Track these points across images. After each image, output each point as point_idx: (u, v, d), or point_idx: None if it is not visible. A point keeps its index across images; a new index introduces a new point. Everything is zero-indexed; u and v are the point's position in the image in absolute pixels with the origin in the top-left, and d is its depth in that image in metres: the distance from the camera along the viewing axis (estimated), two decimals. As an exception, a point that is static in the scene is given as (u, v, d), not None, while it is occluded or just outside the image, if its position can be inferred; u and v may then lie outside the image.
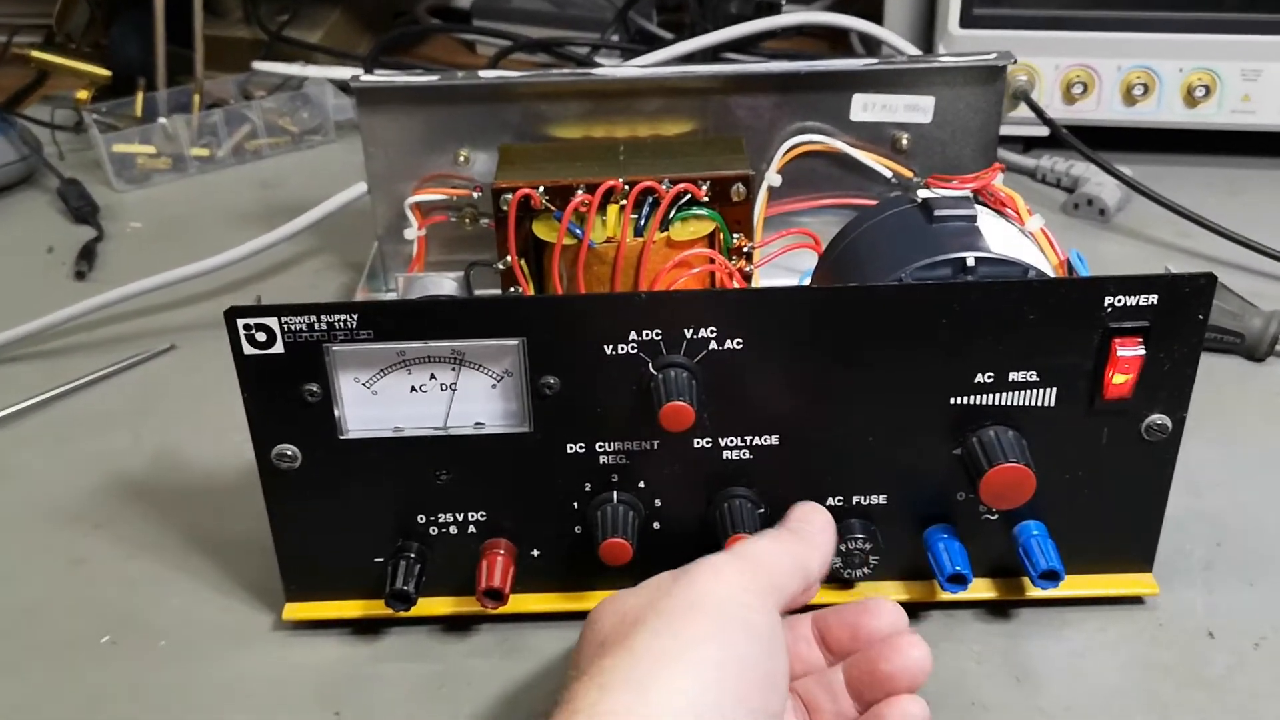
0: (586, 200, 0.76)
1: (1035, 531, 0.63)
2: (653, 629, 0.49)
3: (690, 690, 0.47)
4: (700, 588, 0.51)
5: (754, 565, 0.54)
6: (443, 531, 0.64)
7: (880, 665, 0.55)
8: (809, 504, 0.62)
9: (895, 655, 0.55)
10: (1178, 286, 0.58)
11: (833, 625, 0.58)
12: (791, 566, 0.55)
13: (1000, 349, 0.60)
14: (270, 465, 0.62)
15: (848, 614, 0.58)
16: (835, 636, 0.58)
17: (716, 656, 0.48)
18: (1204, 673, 0.62)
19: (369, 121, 0.88)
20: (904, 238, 0.69)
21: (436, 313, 0.60)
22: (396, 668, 0.65)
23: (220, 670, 0.65)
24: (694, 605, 0.50)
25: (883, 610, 0.58)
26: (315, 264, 1.04)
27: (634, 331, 0.59)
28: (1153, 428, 0.62)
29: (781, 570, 0.54)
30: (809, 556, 0.57)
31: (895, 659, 0.55)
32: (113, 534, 0.75)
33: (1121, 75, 1.11)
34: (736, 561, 0.53)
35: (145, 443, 0.83)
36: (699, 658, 0.48)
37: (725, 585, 0.52)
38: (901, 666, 0.55)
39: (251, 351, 0.59)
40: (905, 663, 0.55)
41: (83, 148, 1.27)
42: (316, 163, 1.25)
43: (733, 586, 0.52)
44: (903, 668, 0.55)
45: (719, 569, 0.53)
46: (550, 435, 0.62)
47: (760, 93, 0.89)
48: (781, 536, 0.58)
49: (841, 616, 0.58)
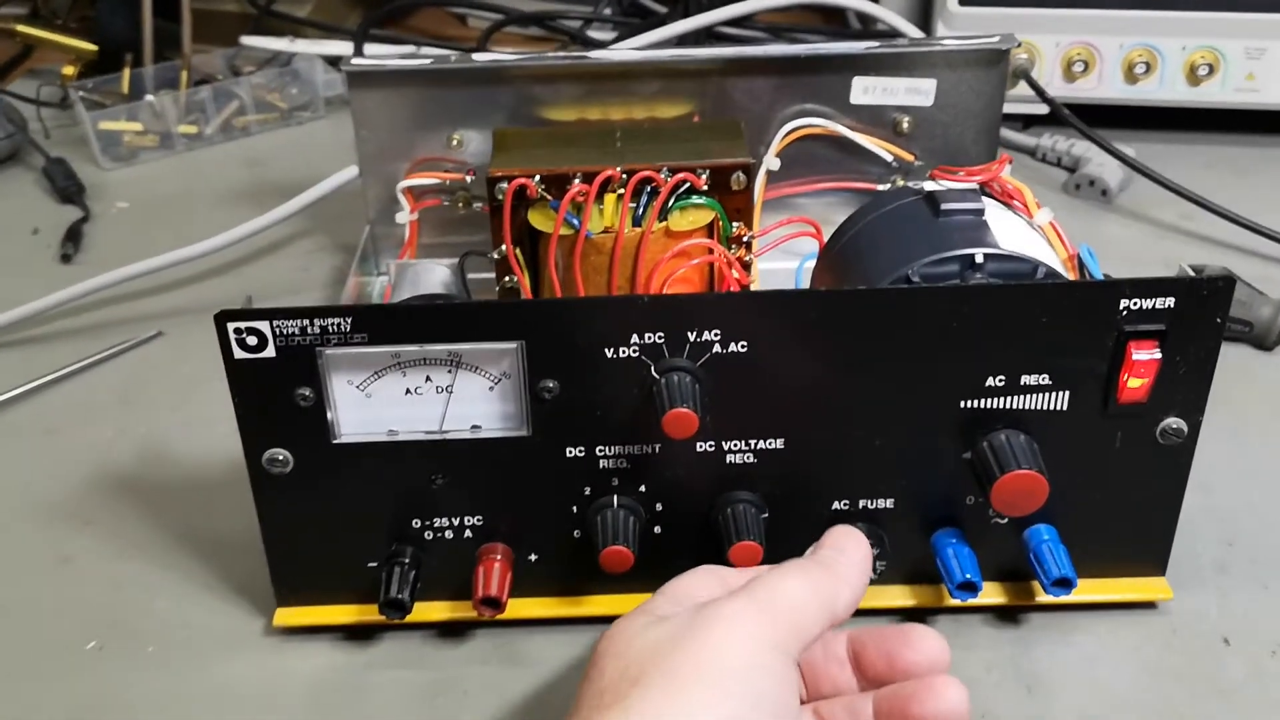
0: (584, 189, 0.74)
1: (1046, 536, 0.62)
2: (655, 688, 0.47)
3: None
4: (712, 648, 0.48)
5: (774, 613, 0.50)
6: (438, 536, 0.63)
7: (913, 707, 0.52)
8: (847, 530, 0.57)
9: (931, 698, 0.51)
10: (1195, 289, 0.57)
11: (870, 650, 0.55)
12: (817, 609, 0.51)
13: (1012, 352, 0.58)
14: (262, 470, 0.60)
15: (888, 641, 0.54)
16: (870, 662, 0.55)
17: (726, 712, 0.46)
18: (1220, 682, 0.61)
19: (360, 104, 0.86)
20: (910, 232, 0.67)
21: (433, 316, 0.58)
22: (390, 675, 0.63)
23: (209, 677, 0.63)
24: (701, 669, 0.47)
25: (925, 644, 0.54)
26: (306, 246, 1.03)
27: (636, 334, 0.57)
28: (1168, 431, 0.60)
29: (805, 614, 0.51)
30: (837, 594, 0.53)
31: (930, 702, 0.51)
32: (102, 531, 0.73)
33: (1123, 53, 1.09)
34: (755, 611, 0.50)
35: (133, 434, 0.81)
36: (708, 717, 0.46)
37: (739, 645, 0.48)
38: (935, 711, 0.51)
39: (242, 355, 0.57)
40: (941, 707, 0.51)
41: (68, 125, 1.24)
42: (306, 139, 1.23)
43: (747, 645, 0.48)
44: (936, 713, 0.51)
45: (734, 622, 0.49)
46: (549, 439, 0.60)
47: (759, 75, 0.87)
48: (810, 570, 0.53)
49: (881, 644, 0.55)
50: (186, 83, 1.23)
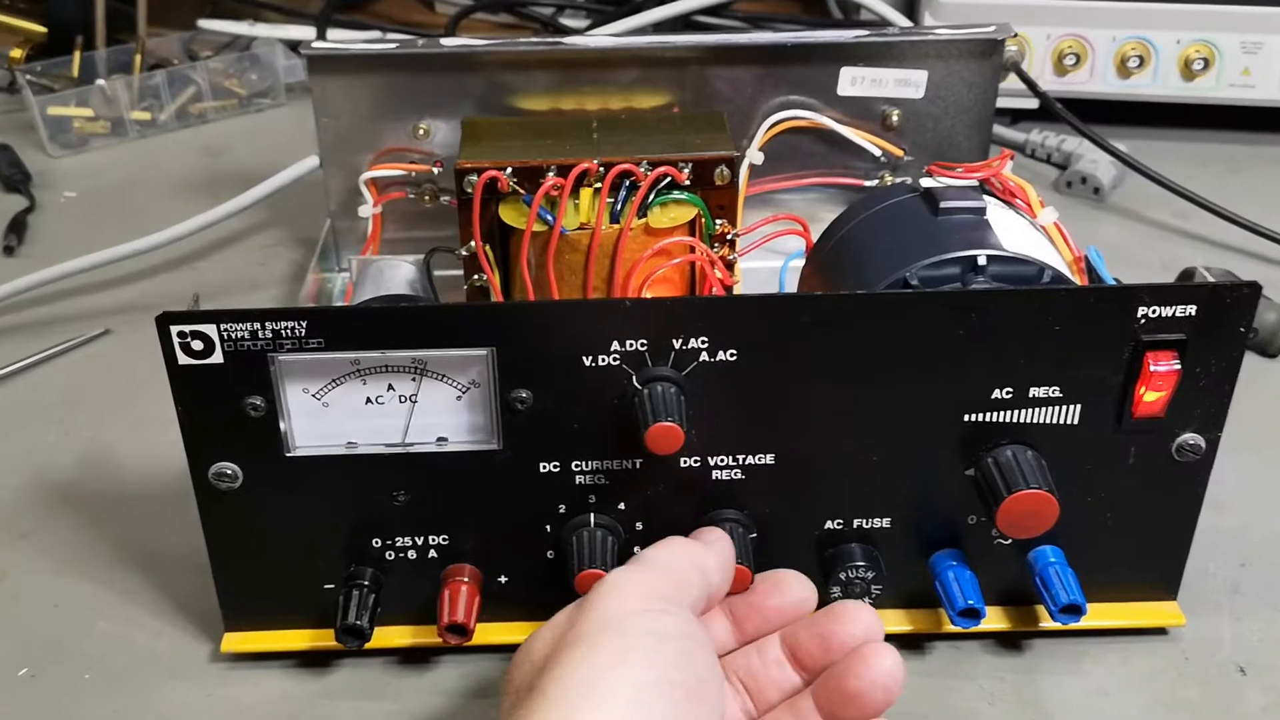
0: (558, 183, 0.70)
1: (1053, 559, 0.58)
2: (566, 662, 0.45)
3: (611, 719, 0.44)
4: (602, 609, 0.48)
5: (650, 572, 0.51)
6: (400, 556, 0.59)
7: (849, 682, 0.50)
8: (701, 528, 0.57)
9: (863, 669, 0.50)
10: (1219, 296, 0.53)
11: (803, 640, 0.53)
12: (688, 566, 0.52)
13: (1020, 362, 0.54)
14: (208, 485, 0.56)
15: (818, 624, 0.53)
16: (807, 651, 0.53)
17: (632, 678, 0.45)
18: (1236, 713, 0.58)
19: (322, 91, 0.82)
20: (907, 232, 0.63)
21: (396, 320, 0.54)
22: (348, 706, 0.59)
23: (150, 708, 0.59)
24: (600, 628, 0.47)
25: (852, 614, 0.53)
26: (263, 240, 0.98)
27: (616, 341, 0.53)
28: (1185, 448, 0.57)
29: (679, 570, 0.51)
30: (704, 556, 0.53)
31: (864, 673, 0.50)
32: (39, 545, 0.68)
33: (1116, 46, 1.06)
34: (632, 572, 0.51)
35: (76, 439, 0.77)
36: (615, 683, 0.45)
37: (627, 598, 0.49)
38: (871, 681, 0.50)
39: (187, 361, 0.53)
40: (875, 675, 0.50)
41: (15, 109, 1.21)
42: (265, 128, 1.19)
43: (635, 596, 0.49)
44: (872, 682, 0.50)
45: (616, 584, 0.50)
46: (521, 453, 0.56)
47: (742, 64, 0.83)
48: (674, 542, 0.54)
49: (812, 628, 0.53)
50: (140, 67, 1.19)
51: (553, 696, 0.44)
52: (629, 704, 0.44)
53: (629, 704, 0.44)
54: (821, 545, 0.59)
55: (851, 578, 0.59)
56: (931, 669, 0.60)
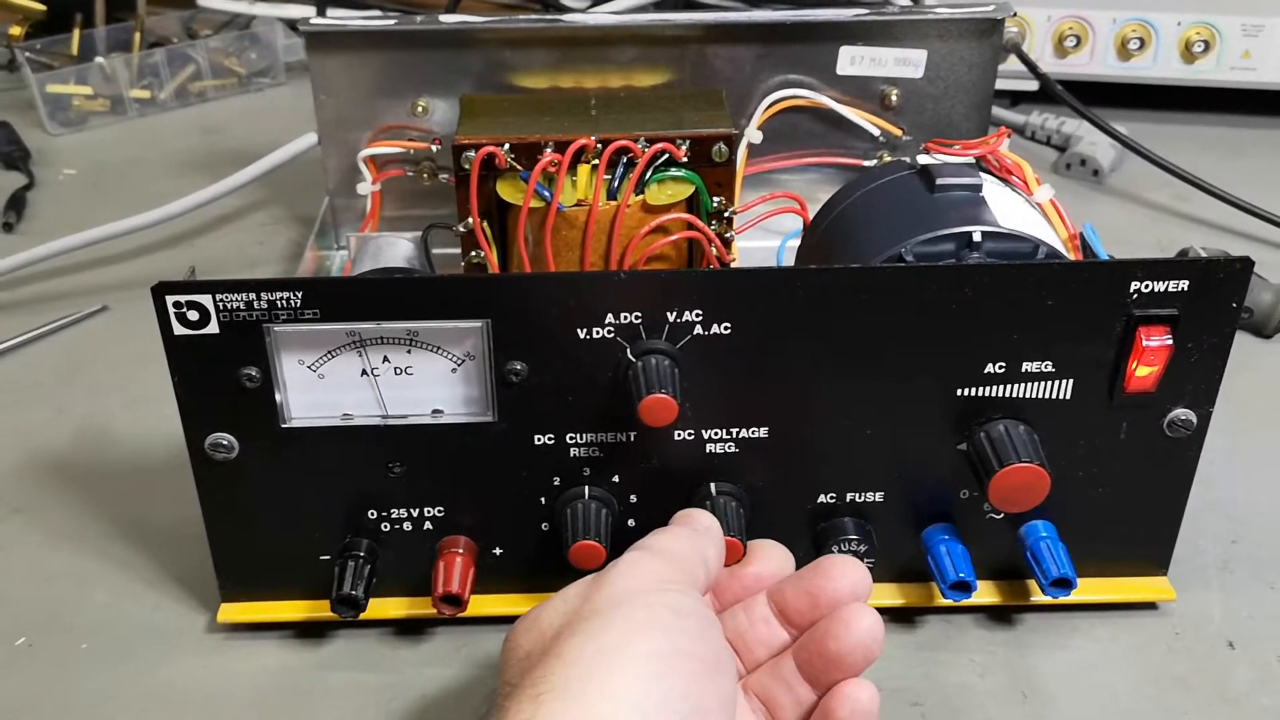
0: (556, 159, 0.70)
1: (1044, 534, 0.58)
2: (583, 632, 0.46)
3: (631, 689, 0.44)
4: (619, 586, 0.48)
5: (660, 557, 0.51)
6: (395, 528, 0.59)
7: (829, 645, 0.50)
8: (686, 509, 0.56)
9: (843, 631, 0.50)
10: (1211, 272, 0.53)
11: (789, 596, 0.53)
12: (692, 554, 0.52)
13: (1013, 337, 0.54)
14: (204, 456, 0.56)
15: (804, 580, 0.53)
16: (795, 608, 0.53)
17: (653, 648, 0.45)
18: (1225, 688, 0.58)
19: (320, 68, 0.82)
20: (903, 209, 0.63)
21: (391, 290, 0.54)
22: (342, 677, 0.59)
23: (148, 678, 0.59)
24: (619, 601, 0.47)
25: (840, 569, 0.52)
26: (261, 218, 0.98)
27: (611, 314, 0.53)
28: (1176, 423, 0.57)
29: (686, 558, 0.51)
30: (704, 545, 0.53)
31: (843, 635, 0.50)
32: (34, 519, 0.69)
33: (1116, 28, 1.06)
34: (647, 555, 0.51)
35: (72, 415, 0.77)
36: (635, 653, 0.45)
37: (645, 577, 0.49)
38: (851, 643, 0.50)
39: (183, 332, 0.53)
40: (855, 636, 0.50)
41: (14, 87, 1.21)
42: (265, 106, 1.20)
43: (652, 577, 0.49)
44: (853, 644, 0.50)
45: (634, 564, 0.50)
46: (516, 425, 0.56)
47: (741, 43, 0.83)
48: (675, 531, 0.54)
49: (799, 584, 0.53)
50: (139, 45, 1.19)
51: (572, 661, 0.44)
52: (650, 673, 0.44)
53: (650, 673, 0.44)
54: (814, 519, 0.59)
55: (845, 551, 0.59)
56: (923, 642, 0.60)
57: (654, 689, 0.44)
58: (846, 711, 0.50)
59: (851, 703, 0.50)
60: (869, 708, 0.50)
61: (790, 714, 0.51)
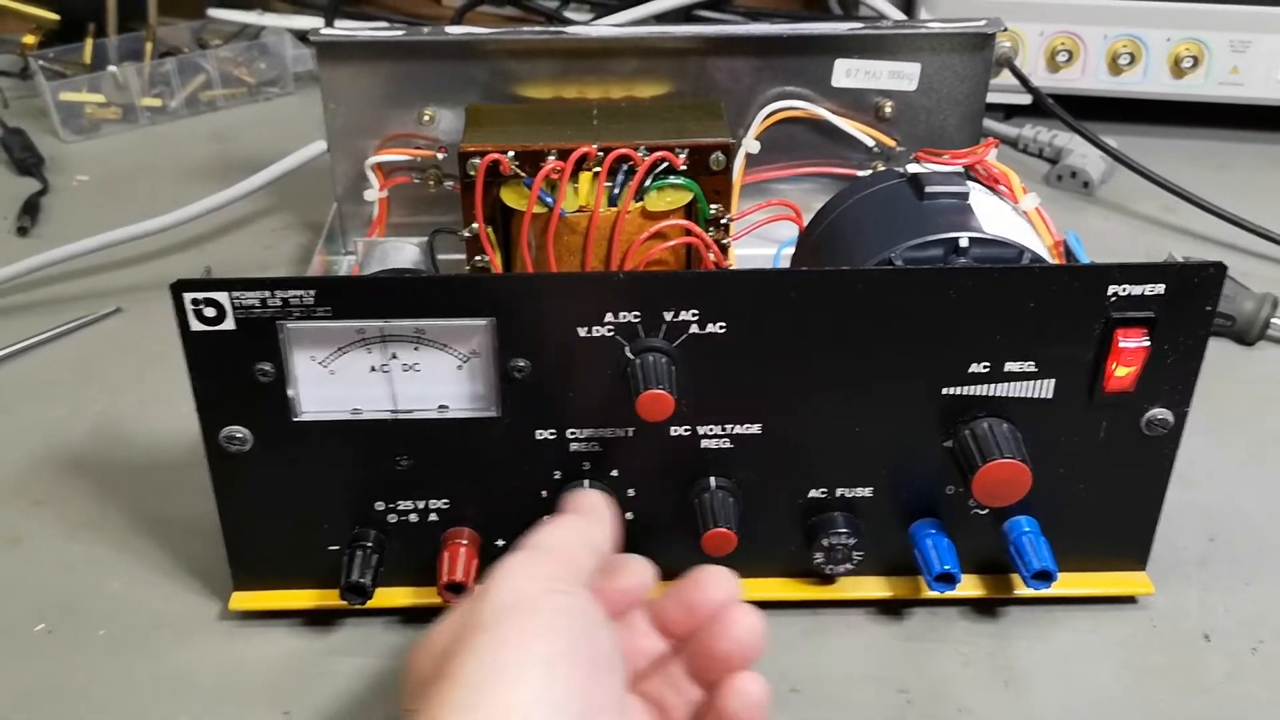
0: (558, 167, 0.72)
1: (1027, 529, 0.60)
2: (470, 648, 0.46)
3: (524, 698, 0.44)
4: (501, 592, 0.48)
5: (544, 553, 0.51)
6: (402, 520, 0.61)
7: (715, 645, 0.51)
8: (576, 490, 0.58)
9: (724, 632, 0.51)
10: (1186, 276, 0.55)
11: (668, 609, 0.54)
12: (581, 543, 0.52)
13: (997, 337, 0.57)
14: (219, 448, 0.58)
15: (681, 592, 0.54)
16: (672, 619, 0.54)
17: (541, 654, 0.45)
18: (1200, 678, 0.60)
19: (330, 77, 0.84)
20: (893, 215, 0.65)
21: (401, 290, 0.56)
22: (351, 663, 0.61)
23: (162, 663, 0.61)
24: (502, 610, 0.47)
25: (710, 580, 0.53)
26: (271, 224, 1.00)
27: (611, 313, 0.56)
28: (1153, 422, 0.59)
29: (572, 549, 0.52)
30: (593, 531, 0.54)
31: (725, 636, 0.51)
32: (53, 511, 0.71)
33: (1107, 43, 1.08)
34: (526, 555, 0.51)
35: (88, 412, 0.79)
36: (525, 663, 0.45)
37: (524, 580, 0.49)
38: (734, 640, 0.51)
39: (199, 328, 0.55)
40: (737, 634, 0.51)
41: (28, 95, 1.22)
42: (273, 116, 1.21)
43: (532, 578, 0.49)
44: (736, 641, 0.51)
45: (511, 568, 0.50)
46: (519, 420, 0.58)
47: (739, 55, 0.85)
48: (561, 521, 0.54)
49: (676, 597, 0.54)
50: (151, 54, 1.20)
51: (461, 681, 0.45)
52: (541, 680, 0.45)
53: (541, 680, 0.45)
54: (805, 513, 0.61)
55: (834, 545, 0.61)
56: (910, 633, 0.62)
57: (546, 695, 0.44)
58: (737, 704, 0.50)
59: (742, 696, 0.51)
60: (760, 699, 0.51)
61: (681, 714, 0.52)
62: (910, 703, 0.59)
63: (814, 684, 0.60)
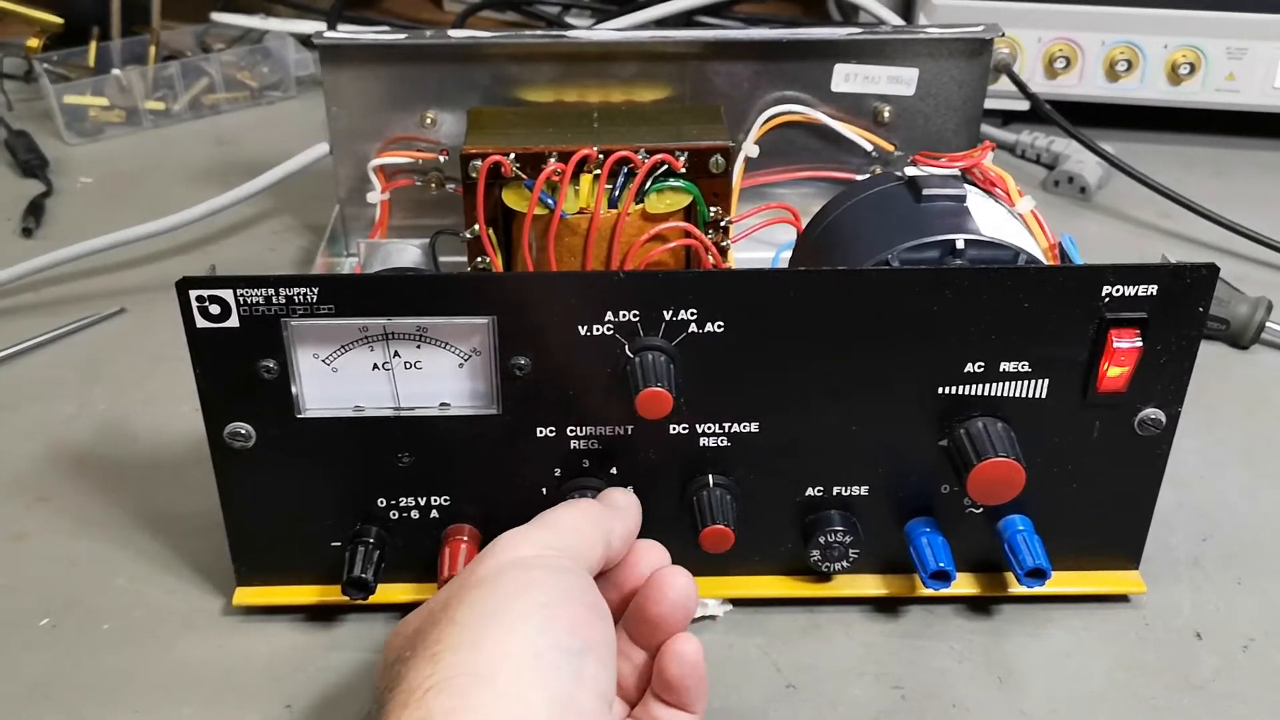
0: (559, 169, 0.73)
1: (1021, 527, 0.61)
2: (470, 601, 0.48)
3: (524, 634, 0.46)
4: (504, 555, 0.50)
5: (549, 527, 0.53)
6: (404, 516, 0.62)
7: (650, 609, 0.53)
8: (615, 489, 0.59)
9: (659, 597, 0.53)
10: (1179, 277, 0.56)
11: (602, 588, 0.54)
12: (592, 530, 0.54)
13: (992, 338, 0.57)
14: (223, 444, 0.59)
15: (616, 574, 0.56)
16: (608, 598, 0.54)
17: (539, 598, 0.48)
18: (1192, 676, 0.60)
19: (333, 80, 0.85)
20: (890, 217, 0.66)
21: (403, 288, 0.56)
22: (352, 658, 0.62)
23: (166, 657, 0.62)
24: (504, 568, 0.49)
25: (639, 556, 0.56)
26: (273, 226, 1.01)
27: (610, 312, 0.56)
28: (1146, 422, 0.59)
29: (582, 533, 0.53)
30: (610, 522, 0.55)
31: (660, 599, 0.53)
32: (57, 508, 0.71)
33: (1105, 50, 1.09)
34: (535, 528, 0.53)
35: (92, 411, 0.79)
36: (522, 609, 0.47)
37: (527, 546, 0.51)
38: (670, 603, 0.53)
39: (204, 325, 0.56)
40: (672, 596, 0.53)
41: (33, 98, 1.23)
42: (275, 119, 1.22)
43: (534, 546, 0.51)
44: (671, 604, 0.53)
45: (518, 537, 0.52)
46: (519, 418, 0.59)
47: (739, 60, 0.86)
48: (583, 504, 0.56)
49: (611, 579, 0.56)
50: (154, 58, 1.21)
51: (463, 623, 0.46)
52: (539, 620, 0.46)
53: (539, 620, 0.46)
54: (802, 511, 0.62)
55: (830, 542, 0.62)
56: (905, 630, 0.63)
57: (545, 630, 0.46)
58: (676, 666, 0.52)
59: (679, 658, 0.52)
60: (695, 659, 0.52)
61: (631, 679, 0.54)
62: (905, 699, 0.59)
63: (810, 680, 0.60)
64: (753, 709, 0.59)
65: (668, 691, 0.53)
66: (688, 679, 0.52)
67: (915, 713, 0.59)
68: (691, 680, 0.52)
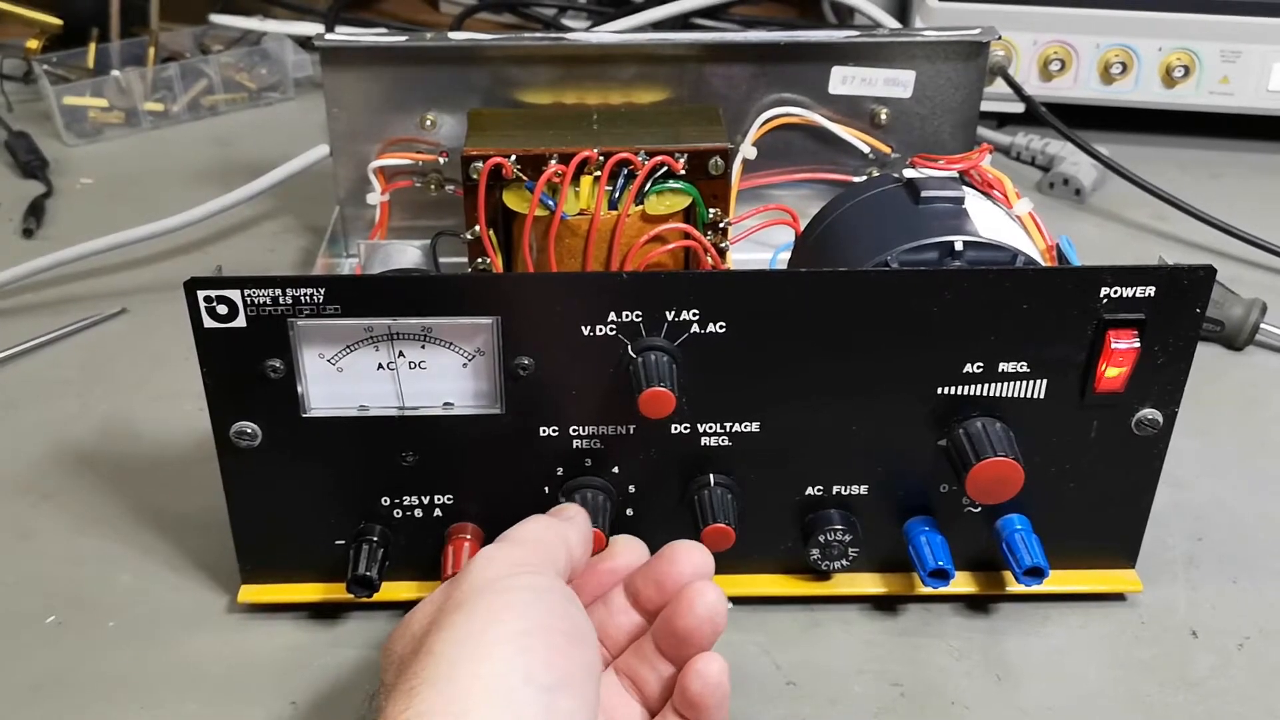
0: (560, 171, 0.73)
1: (1019, 526, 0.62)
2: (448, 626, 0.48)
3: (498, 669, 0.46)
4: (476, 577, 0.51)
5: (517, 543, 0.54)
6: (407, 515, 0.62)
7: (678, 623, 0.53)
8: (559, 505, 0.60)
9: (687, 610, 0.53)
10: (1176, 279, 0.56)
11: (640, 585, 0.56)
12: (554, 539, 0.55)
13: (991, 338, 0.58)
14: (229, 444, 0.59)
15: (653, 569, 0.56)
16: (645, 595, 0.56)
17: (514, 628, 0.48)
18: (1187, 673, 0.61)
19: (333, 81, 0.85)
20: (889, 219, 0.67)
21: (409, 289, 0.57)
22: (356, 655, 0.62)
23: (171, 654, 0.62)
24: (479, 591, 0.50)
25: (683, 555, 0.55)
26: (273, 227, 1.01)
27: (614, 312, 0.57)
28: (1143, 422, 0.60)
29: (545, 542, 0.54)
30: (567, 530, 0.56)
31: (688, 614, 0.53)
32: (62, 506, 0.72)
33: (1100, 53, 1.10)
34: (503, 545, 0.54)
35: (95, 410, 0.80)
36: (498, 636, 0.47)
37: (501, 565, 0.52)
38: (698, 618, 0.53)
39: (212, 325, 0.56)
40: (701, 611, 0.53)
41: (32, 99, 1.23)
42: (274, 121, 1.22)
43: (508, 564, 0.52)
44: (699, 619, 0.53)
45: (489, 556, 0.52)
46: (522, 417, 0.60)
47: (737, 62, 0.86)
48: (539, 519, 0.57)
49: (648, 573, 0.56)
50: (153, 59, 1.21)
51: (440, 654, 0.47)
52: (513, 651, 0.47)
53: (513, 651, 0.47)
54: (802, 510, 0.63)
55: (830, 541, 0.62)
56: (904, 629, 0.64)
57: (519, 664, 0.46)
58: (698, 685, 0.52)
59: (702, 678, 0.52)
60: (719, 679, 0.52)
61: (654, 689, 0.54)
62: (903, 696, 0.60)
63: (809, 678, 0.61)
64: (752, 707, 0.59)
65: (688, 709, 0.53)
66: (709, 698, 0.52)
67: (914, 710, 0.59)
68: (713, 700, 0.52)
